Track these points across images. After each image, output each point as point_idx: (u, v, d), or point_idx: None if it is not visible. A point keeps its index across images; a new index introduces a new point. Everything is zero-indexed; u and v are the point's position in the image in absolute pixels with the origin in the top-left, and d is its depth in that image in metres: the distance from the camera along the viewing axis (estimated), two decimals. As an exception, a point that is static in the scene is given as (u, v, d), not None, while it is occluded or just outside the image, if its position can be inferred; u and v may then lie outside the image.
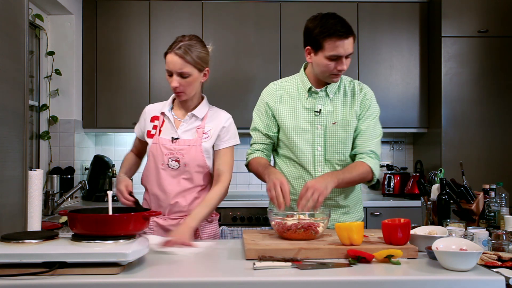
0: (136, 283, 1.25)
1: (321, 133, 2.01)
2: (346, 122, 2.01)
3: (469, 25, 3.59)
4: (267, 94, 2.12)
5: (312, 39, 1.93)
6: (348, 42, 1.88)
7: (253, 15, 3.82)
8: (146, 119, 2.08)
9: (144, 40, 3.78)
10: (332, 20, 1.90)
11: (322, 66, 1.94)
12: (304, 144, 2.01)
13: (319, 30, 1.90)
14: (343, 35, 1.86)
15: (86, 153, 3.95)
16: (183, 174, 1.97)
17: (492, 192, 2.06)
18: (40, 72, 3.61)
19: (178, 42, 1.93)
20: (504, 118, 3.59)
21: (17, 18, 1.54)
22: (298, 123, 2.02)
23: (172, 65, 1.91)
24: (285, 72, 3.80)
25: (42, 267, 1.26)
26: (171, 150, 1.97)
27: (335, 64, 1.91)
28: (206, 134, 2.00)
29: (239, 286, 1.26)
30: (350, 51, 1.90)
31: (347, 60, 1.92)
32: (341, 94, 2.05)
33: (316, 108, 2.02)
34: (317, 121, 2.01)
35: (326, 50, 1.89)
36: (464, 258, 1.33)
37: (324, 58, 1.91)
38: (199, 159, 1.97)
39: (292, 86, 2.09)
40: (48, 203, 3.03)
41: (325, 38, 1.88)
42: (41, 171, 1.63)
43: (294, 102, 2.05)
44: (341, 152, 2.02)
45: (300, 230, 1.62)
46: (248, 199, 3.54)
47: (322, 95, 2.03)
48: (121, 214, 1.40)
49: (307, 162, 2.02)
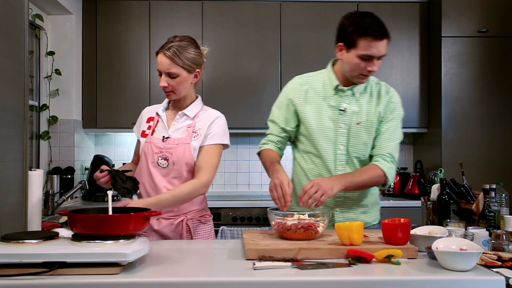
0: (136, 283, 1.25)
1: (345, 132, 1.98)
2: (370, 123, 1.99)
3: (469, 25, 3.59)
4: (292, 89, 2.07)
5: (346, 36, 1.89)
6: (382, 44, 1.86)
7: (253, 15, 3.82)
8: (143, 120, 2.12)
9: (144, 40, 3.78)
10: (369, 19, 1.87)
11: (352, 65, 1.90)
12: (326, 142, 1.98)
13: (354, 28, 1.86)
14: (378, 35, 1.83)
15: (86, 153, 3.95)
16: (172, 172, 1.97)
17: (492, 192, 2.06)
18: (40, 72, 3.60)
19: (169, 42, 1.95)
20: (504, 118, 3.59)
21: (17, 18, 1.54)
22: (322, 120, 1.99)
23: (160, 65, 1.94)
24: (285, 72, 3.80)
25: (42, 267, 1.26)
26: (160, 148, 1.98)
27: (366, 64, 1.88)
28: (195, 133, 2.00)
29: (239, 286, 1.26)
30: (383, 53, 1.87)
31: (379, 61, 1.89)
32: (367, 94, 2.02)
33: (341, 106, 1.98)
34: (341, 119, 1.98)
35: (359, 48, 1.86)
36: (464, 258, 1.33)
37: (356, 57, 1.88)
38: (187, 157, 1.96)
39: (318, 82, 2.05)
40: (48, 203, 3.03)
41: (360, 36, 1.85)
42: (41, 171, 1.63)
43: (319, 99, 2.01)
44: (361, 153, 2.00)
45: (300, 230, 1.62)
46: (248, 199, 3.54)
47: (348, 93, 1.99)
48: (121, 214, 1.40)
49: (328, 160, 1.99)
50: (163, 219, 2.00)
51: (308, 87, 2.04)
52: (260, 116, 3.78)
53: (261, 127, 3.79)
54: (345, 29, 1.91)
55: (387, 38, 1.87)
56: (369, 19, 1.87)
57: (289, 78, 4.04)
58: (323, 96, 2.01)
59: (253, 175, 4.16)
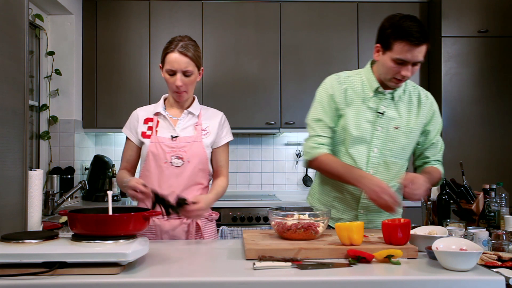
0: (136, 283, 1.25)
1: (381, 135, 1.94)
2: (410, 129, 1.96)
3: (469, 25, 3.59)
4: (331, 86, 1.99)
5: (384, 37, 1.86)
6: (419, 50, 1.80)
7: (253, 15, 3.82)
8: (139, 121, 2.06)
9: (144, 40, 3.78)
10: (409, 23, 1.80)
11: (386, 67, 1.87)
12: (360, 144, 1.95)
13: (391, 30, 1.82)
14: (415, 41, 1.77)
15: (86, 153, 3.95)
16: (186, 171, 1.96)
17: (492, 192, 2.06)
18: (40, 72, 3.61)
19: (178, 41, 1.95)
20: (504, 118, 3.59)
21: (17, 18, 1.54)
22: (359, 122, 1.94)
23: (176, 64, 1.92)
24: (285, 72, 3.81)
25: (42, 267, 1.26)
26: (172, 147, 1.97)
27: (400, 68, 1.83)
28: (205, 131, 2.03)
29: (239, 286, 1.26)
30: (419, 59, 1.81)
31: (414, 68, 1.84)
32: (405, 99, 1.98)
33: (380, 109, 1.95)
34: (379, 122, 1.94)
35: (394, 52, 1.81)
36: (464, 258, 1.33)
37: (390, 60, 1.84)
38: (201, 155, 1.98)
39: (357, 82, 1.99)
40: (48, 203, 3.03)
41: (396, 39, 1.80)
42: (41, 171, 1.63)
43: (358, 99, 1.96)
44: (399, 158, 1.97)
45: (300, 230, 1.62)
46: (248, 199, 3.54)
47: (388, 96, 1.95)
48: (121, 214, 1.40)
49: (360, 162, 1.95)
50: (173, 219, 1.99)
51: (347, 86, 1.98)
52: (260, 116, 3.78)
53: (261, 127, 3.79)
54: (384, 30, 1.86)
55: (425, 44, 1.80)
56: (409, 23, 1.80)
57: (289, 78, 4.03)
58: (362, 97, 1.96)
59: (253, 175, 4.15)
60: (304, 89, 3.80)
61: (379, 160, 1.95)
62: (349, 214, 2.01)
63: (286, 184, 4.19)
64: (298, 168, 4.19)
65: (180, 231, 1.99)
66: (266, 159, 4.16)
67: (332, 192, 2.04)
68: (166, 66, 1.95)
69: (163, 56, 1.98)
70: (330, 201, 2.05)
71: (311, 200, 2.17)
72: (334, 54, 3.82)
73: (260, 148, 4.16)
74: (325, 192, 2.07)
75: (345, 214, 2.01)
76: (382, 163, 1.95)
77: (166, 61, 1.95)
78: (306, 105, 3.80)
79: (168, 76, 1.96)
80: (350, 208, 2.01)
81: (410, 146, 1.99)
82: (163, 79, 2.01)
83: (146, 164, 2.01)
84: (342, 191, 2.00)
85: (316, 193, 2.13)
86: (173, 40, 1.97)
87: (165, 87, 3.72)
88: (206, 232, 2.03)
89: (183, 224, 1.98)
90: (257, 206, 3.42)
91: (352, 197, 1.99)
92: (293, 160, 4.19)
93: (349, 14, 3.85)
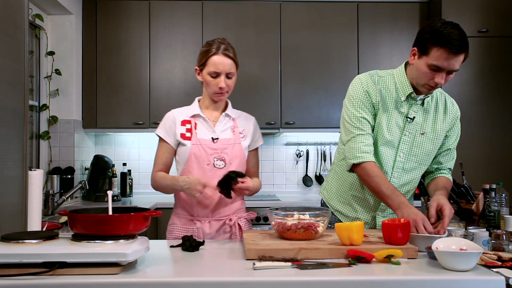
0: (136, 283, 1.25)
1: (408, 140, 1.93)
2: (436, 135, 1.95)
3: (469, 25, 3.59)
4: (367, 84, 1.93)
5: (422, 41, 1.79)
6: (456, 59, 1.74)
7: (253, 15, 3.82)
8: (176, 122, 2.03)
9: (144, 40, 3.78)
10: (450, 30, 1.72)
11: (420, 72, 1.81)
12: (388, 147, 1.92)
13: (430, 35, 1.75)
14: (453, 49, 1.71)
15: (86, 153, 3.95)
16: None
17: (492, 192, 2.06)
18: (40, 72, 3.61)
19: (220, 43, 1.99)
20: (504, 118, 3.59)
21: (17, 18, 1.54)
22: (390, 125, 1.92)
23: (222, 66, 1.96)
24: (285, 72, 3.81)
25: (42, 267, 1.26)
26: (215, 149, 1.98)
27: (433, 74, 1.78)
28: (242, 134, 2.07)
29: (239, 286, 1.26)
30: (455, 67, 1.75)
31: (449, 76, 1.79)
32: (433, 104, 1.97)
33: (410, 114, 1.92)
34: (407, 127, 1.92)
35: (430, 58, 1.76)
36: (464, 258, 1.33)
37: (426, 65, 1.78)
38: (242, 157, 2.02)
39: (391, 84, 1.94)
40: (48, 203, 3.03)
41: (433, 45, 1.74)
42: (41, 171, 1.63)
43: (391, 102, 1.92)
44: (423, 163, 1.96)
45: (300, 230, 1.62)
46: (248, 199, 3.52)
47: (418, 102, 1.92)
48: (121, 214, 1.40)
49: (386, 165, 1.93)
50: (214, 221, 2.00)
51: (381, 87, 1.93)
52: (260, 116, 3.77)
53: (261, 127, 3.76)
54: (423, 34, 1.80)
55: (463, 54, 1.74)
56: (450, 30, 1.73)
57: (289, 78, 4.03)
58: (395, 100, 1.93)
59: (253, 175, 4.15)
60: (304, 89, 3.80)
61: (404, 165, 1.94)
62: (367, 215, 2.01)
63: (286, 184, 4.19)
64: (298, 168, 4.19)
65: (222, 232, 2.01)
66: (266, 159, 4.16)
67: (350, 190, 2.02)
68: (210, 68, 1.96)
69: (204, 59, 1.98)
70: (348, 199, 2.03)
71: (327, 195, 2.13)
72: (334, 54, 3.82)
73: (260, 148, 4.13)
74: (343, 189, 2.06)
75: (362, 215, 2.01)
76: (407, 168, 1.95)
77: (209, 63, 1.97)
78: (306, 105, 3.85)
79: (211, 78, 1.97)
80: (368, 210, 2.01)
81: (434, 152, 1.98)
82: (163, 79, 2.01)
83: (187, 166, 1.99)
84: (364, 191, 1.99)
85: (333, 189, 2.11)
86: (212, 42, 2.00)
87: (164, 87, 3.74)
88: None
89: (226, 225, 2.00)
90: (257, 206, 3.42)
91: (374, 199, 1.98)
92: (293, 160, 4.19)
93: (349, 14, 3.85)
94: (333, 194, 2.10)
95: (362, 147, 1.86)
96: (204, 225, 2.00)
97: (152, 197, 3.71)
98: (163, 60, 3.76)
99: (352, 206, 2.02)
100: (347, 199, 2.03)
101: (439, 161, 2.02)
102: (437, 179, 2.00)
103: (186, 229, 2.01)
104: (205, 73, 1.98)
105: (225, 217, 2.01)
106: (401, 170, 1.94)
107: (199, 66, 2.02)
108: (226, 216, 2.02)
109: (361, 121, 1.90)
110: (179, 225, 2.03)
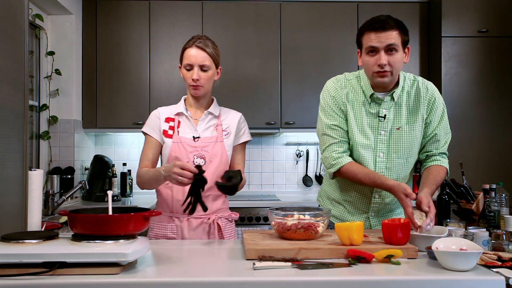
0: (136, 283, 1.25)
1: (384, 139, 1.92)
2: (411, 126, 1.92)
3: (469, 25, 3.59)
4: (334, 89, 1.95)
5: (357, 40, 1.90)
6: (386, 35, 1.78)
7: (253, 15, 3.82)
8: (161, 118, 2.05)
9: (144, 40, 3.78)
10: (374, 17, 1.84)
11: (365, 65, 1.86)
12: (365, 150, 1.92)
13: (359, 29, 1.88)
14: (378, 28, 1.78)
15: (86, 153, 3.95)
16: (208, 171, 1.92)
17: (492, 192, 2.06)
18: (40, 72, 3.60)
19: (197, 38, 1.99)
20: (504, 118, 3.59)
21: (17, 18, 1.54)
22: (362, 127, 1.92)
23: (194, 58, 1.96)
24: (285, 72, 3.81)
25: (42, 267, 1.26)
26: (195, 147, 1.98)
27: (373, 58, 1.81)
28: (225, 131, 2.06)
29: (239, 286, 1.26)
30: (387, 43, 1.78)
31: (392, 56, 1.80)
32: (404, 95, 1.94)
33: (381, 113, 1.91)
34: (381, 126, 1.92)
35: (363, 45, 1.84)
36: (464, 258, 1.33)
37: (365, 54, 1.84)
38: (223, 155, 2.00)
39: (357, 86, 1.96)
40: (48, 203, 3.02)
41: (362, 34, 1.85)
42: (41, 171, 1.63)
43: (358, 104, 1.93)
44: (404, 157, 1.94)
45: (300, 230, 1.62)
46: (248, 199, 3.54)
47: (387, 100, 1.92)
48: (121, 214, 1.40)
49: (369, 168, 1.92)
50: (193, 219, 1.98)
51: (348, 90, 1.95)
52: (260, 116, 3.78)
53: (261, 127, 3.79)
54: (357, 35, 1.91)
55: (391, 30, 1.79)
56: (375, 17, 1.84)
57: (289, 78, 4.04)
58: (363, 102, 1.93)
59: (253, 175, 4.15)
60: (304, 89, 3.80)
61: (386, 165, 1.94)
62: (360, 217, 2.01)
63: (286, 184, 4.19)
64: (298, 168, 4.19)
65: (201, 231, 2.00)
66: (266, 159, 4.16)
67: (341, 194, 2.04)
68: (184, 62, 1.98)
69: (181, 53, 2.00)
70: (341, 202, 2.05)
71: (322, 201, 2.17)
72: (334, 54, 3.82)
73: (260, 148, 4.15)
74: (334, 194, 2.08)
75: (356, 217, 2.01)
76: (390, 167, 1.94)
77: (184, 57, 1.99)
78: (306, 105, 3.85)
79: (186, 71, 1.98)
80: (360, 211, 2.01)
81: (414, 144, 1.94)
82: (164, 79, 2.02)
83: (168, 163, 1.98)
84: (350, 194, 2.00)
85: (326, 194, 2.13)
86: (192, 37, 2.01)
87: (164, 87, 3.74)
88: (226, 232, 2.04)
89: (204, 224, 1.99)
90: (257, 206, 3.42)
91: (362, 200, 1.99)
92: (293, 160, 4.19)
93: (349, 14, 3.85)
94: (326, 199, 2.13)
95: (334, 155, 1.92)
96: (183, 223, 1.99)
97: (152, 197, 3.70)
98: (163, 60, 3.76)
99: (346, 209, 2.04)
100: (341, 203, 2.05)
101: (427, 150, 1.98)
102: (427, 170, 1.96)
103: (165, 226, 2.00)
104: (182, 68, 2.01)
105: (204, 216, 1.99)
106: (384, 170, 1.94)
107: (180, 63, 2.04)
108: (205, 215, 1.98)
109: (333, 129, 1.93)
110: (158, 222, 2.02)
